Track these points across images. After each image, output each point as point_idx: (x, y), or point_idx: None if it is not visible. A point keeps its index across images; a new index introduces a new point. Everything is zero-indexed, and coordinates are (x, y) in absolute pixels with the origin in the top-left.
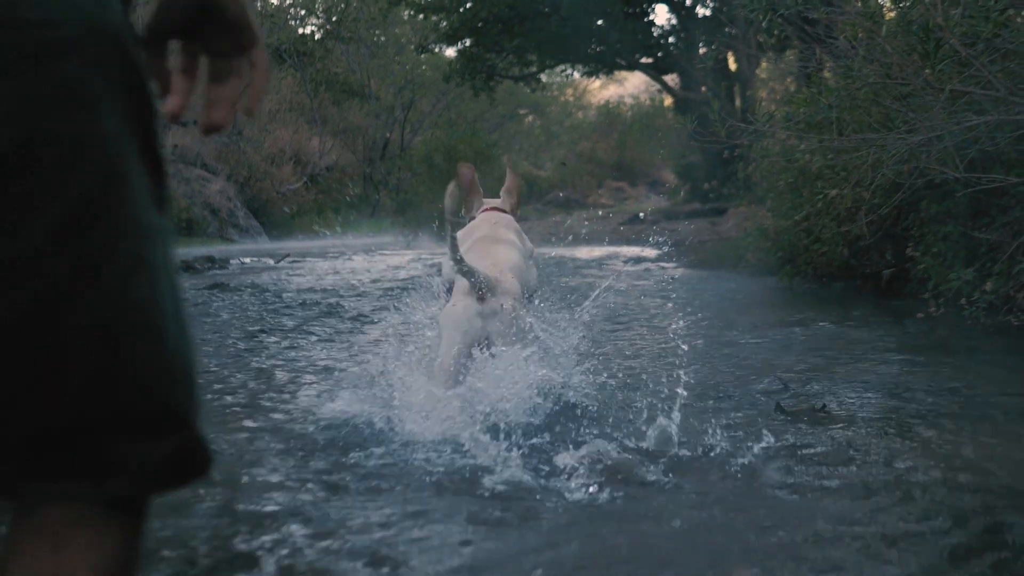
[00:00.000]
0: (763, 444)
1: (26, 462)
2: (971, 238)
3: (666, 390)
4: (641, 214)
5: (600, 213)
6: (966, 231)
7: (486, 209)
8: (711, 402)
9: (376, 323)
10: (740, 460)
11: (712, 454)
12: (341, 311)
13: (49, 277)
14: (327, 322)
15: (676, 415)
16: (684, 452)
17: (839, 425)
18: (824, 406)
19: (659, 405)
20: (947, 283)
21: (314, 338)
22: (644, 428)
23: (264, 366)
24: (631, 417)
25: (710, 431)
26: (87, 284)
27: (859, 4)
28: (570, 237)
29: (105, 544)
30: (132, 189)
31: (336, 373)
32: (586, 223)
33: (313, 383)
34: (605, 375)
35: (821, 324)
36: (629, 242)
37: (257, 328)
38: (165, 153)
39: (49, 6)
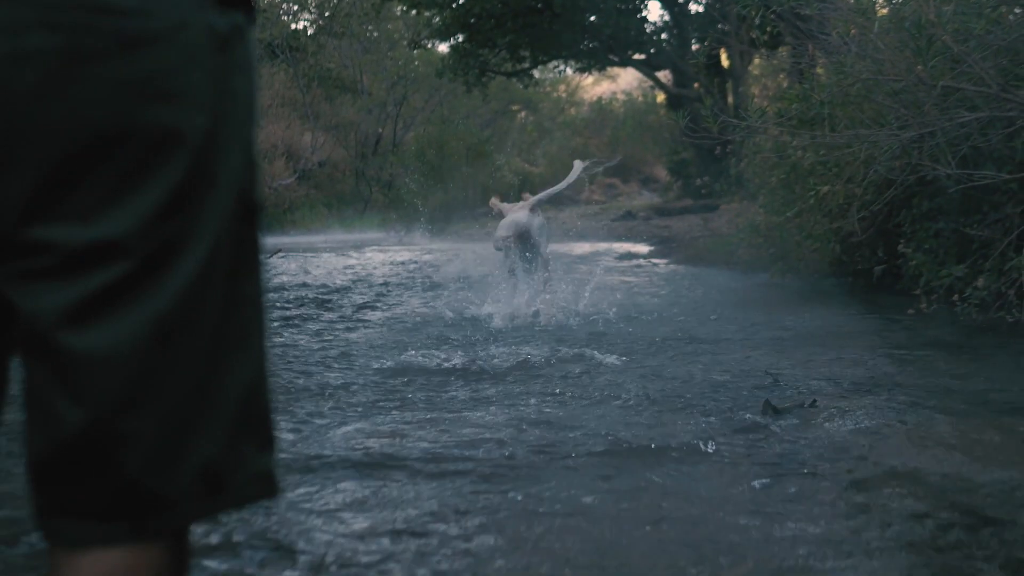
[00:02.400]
0: (752, 440)
1: (77, 501)
2: (963, 235)
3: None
4: (632, 211)
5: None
6: (958, 228)
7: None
8: (700, 398)
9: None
10: (728, 456)
11: (700, 450)
12: (332, 305)
13: (136, 259)
14: (319, 314)
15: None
16: (672, 448)
17: (829, 421)
18: (814, 402)
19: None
20: (939, 279)
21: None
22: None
23: None
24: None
25: (698, 427)
26: (169, 270)
27: (851, 0)
28: (569, 232)
29: (148, 566)
30: (219, 187)
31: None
32: (579, 221)
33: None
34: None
35: (812, 320)
36: (621, 238)
37: None
38: (258, 158)
39: None
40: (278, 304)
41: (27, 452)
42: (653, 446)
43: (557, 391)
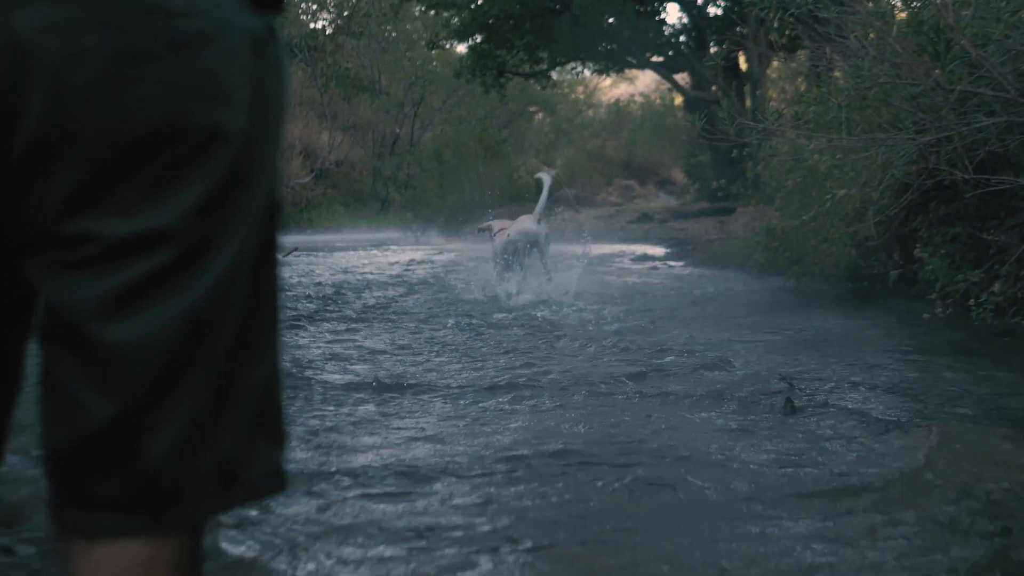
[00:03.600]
0: (769, 442)
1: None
2: (979, 240)
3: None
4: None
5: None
6: (974, 233)
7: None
8: (717, 399)
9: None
10: (745, 457)
11: (717, 451)
12: (347, 303)
13: (178, 248)
14: (336, 313)
15: None
16: (687, 450)
17: (846, 424)
18: (831, 405)
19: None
20: (954, 285)
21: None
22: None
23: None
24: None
25: (716, 428)
26: (203, 266)
27: (870, 4)
28: (584, 235)
29: (164, 559)
30: (253, 186)
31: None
32: (595, 222)
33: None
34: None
35: (828, 324)
36: (637, 240)
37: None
38: (281, 160)
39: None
40: (293, 302)
41: (44, 443)
42: (655, 446)
43: (575, 398)
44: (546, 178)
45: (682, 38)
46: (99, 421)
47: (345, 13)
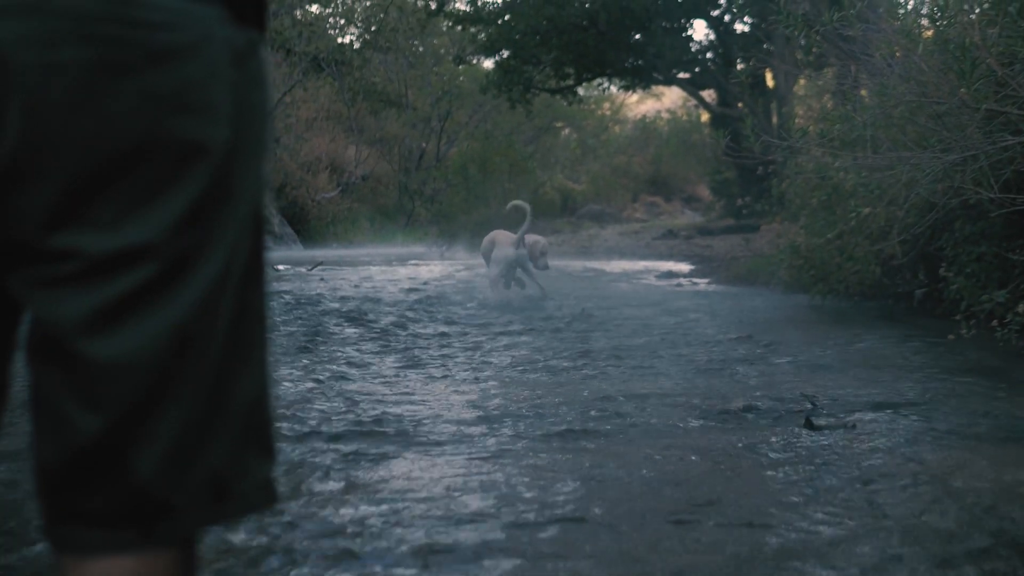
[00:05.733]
0: (790, 459)
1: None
2: (1005, 259)
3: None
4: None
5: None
6: (1000, 252)
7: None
8: (740, 417)
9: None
10: (768, 474)
11: (739, 469)
12: (368, 320)
13: (161, 263)
14: (351, 328)
15: None
16: (708, 467)
17: (868, 443)
18: (854, 424)
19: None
20: (979, 304)
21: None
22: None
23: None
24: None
25: (738, 445)
26: (187, 279)
27: (896, 23)
28: (612, 251)
29: (157, 573)
30: (237, 199)
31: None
32: (620, 238)
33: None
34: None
35: (852, 343)
36: (662, 257)
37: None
38: (267, 175)
39: (169, 11)
40: (317, 316)
41: (34, 459)
42: (679, 456)
43: (591, 413)
44: (527, 207)
45: (709, 54)
46: (87, 437)
47: (373, 28)
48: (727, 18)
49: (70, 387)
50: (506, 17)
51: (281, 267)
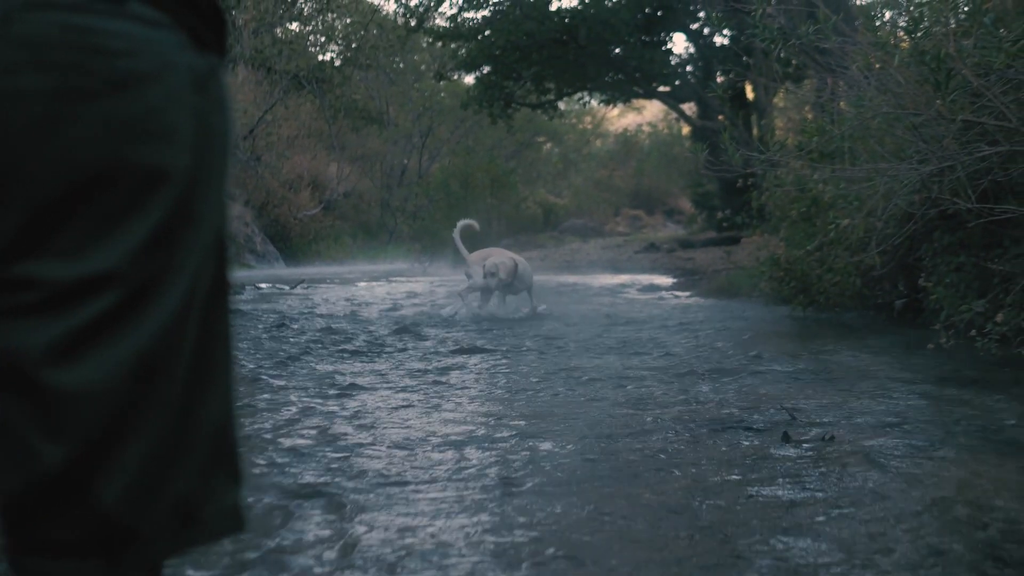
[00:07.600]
0: (767, 472)
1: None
2: (983, 269)
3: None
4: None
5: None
6: (978, 262)
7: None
8: (717, 430)
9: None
10: (745, 489)
11: (716, 481)
12: (350, 337)
13: (123, 290)
14: (327, 348)
15: None
16: (685, 480)
17: (846, 455)
18: (832, 436)
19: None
20: (959, 314)
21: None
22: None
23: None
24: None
25: (715, 458)
26: (151, 306)
27: (873, 35)
28: (594, 264)
29: None
30: (199, 224)
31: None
32: (602, 252)
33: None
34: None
35: (832, 354)
36: (644, 270)
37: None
38: (228, 198)
39: (130, 38)
40: (296, 336)
41: None
42: (660, 471)
43: (581, 424)
44: (463, 225)
45: (688, 68)
46: (51, 466)
47: (353, 45)
48: (706, 31)
49: (33, 417)
50: (486, 33)
51: (264, 286)
